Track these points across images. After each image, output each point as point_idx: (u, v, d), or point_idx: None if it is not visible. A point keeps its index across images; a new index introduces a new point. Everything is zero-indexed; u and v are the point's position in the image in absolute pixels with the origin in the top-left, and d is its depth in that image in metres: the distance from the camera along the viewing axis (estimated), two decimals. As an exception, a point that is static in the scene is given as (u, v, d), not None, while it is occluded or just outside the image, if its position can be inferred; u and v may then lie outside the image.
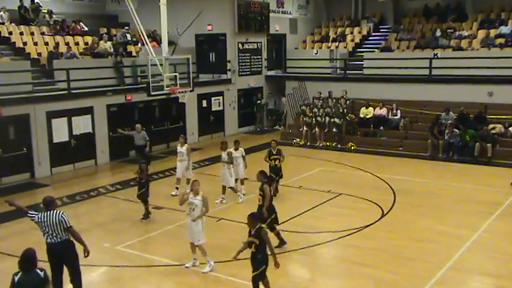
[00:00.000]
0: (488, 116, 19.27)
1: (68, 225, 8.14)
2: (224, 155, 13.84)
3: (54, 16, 22.41)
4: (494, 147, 17.98)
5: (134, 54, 21.95)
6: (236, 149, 14.21)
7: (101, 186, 16.07)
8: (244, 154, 14.33)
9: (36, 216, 8.16)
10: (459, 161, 18.08)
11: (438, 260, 10.05)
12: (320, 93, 22.68)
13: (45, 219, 8.08)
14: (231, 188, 13.94)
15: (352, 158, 18.96)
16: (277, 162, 13.88)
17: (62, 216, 8.11)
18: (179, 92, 16.95)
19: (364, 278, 9.45)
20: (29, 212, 8.31)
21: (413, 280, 9.33)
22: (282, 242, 10.67)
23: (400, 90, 21.94)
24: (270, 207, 10.55)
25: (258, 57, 25.49)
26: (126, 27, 23.13)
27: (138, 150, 17.03)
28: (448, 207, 13.36)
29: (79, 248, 8.31)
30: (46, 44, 20.35)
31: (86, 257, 8.27)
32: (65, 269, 8.37)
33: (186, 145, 14.44)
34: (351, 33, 27.57)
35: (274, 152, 13.98)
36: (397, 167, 16.84)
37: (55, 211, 8.21)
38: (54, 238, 8.09)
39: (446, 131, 18.71)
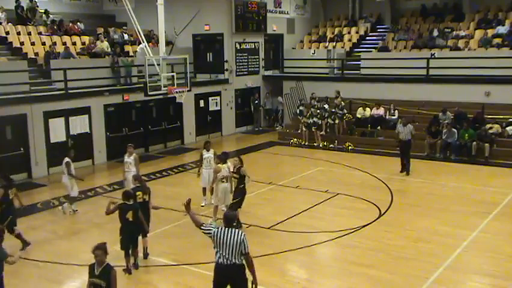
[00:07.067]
0: (485, 116, 19.30)
1: (246, 251, 7.07)
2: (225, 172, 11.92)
3: (51, 16, 22.38)
4: (491, 147, 18.02)
5: (131, 54, 21.92)
6: (208, 150, 13.34)
7: (99, 186, 16.04)
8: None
9: (213, 231, 7.18)
10: (456, 161, 18.12)
11: (436, 259, 10.07)
12: (313, 94, 22.69)
13: (221, 237, 7.08)
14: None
15: (349, 158, 18.98)
16: None
17: (242, 239, 7.06)
18: (176, 92, 16.93)
19: (361, 277, 9.46)
20: (203, 225, 7.38)
21: (410, 280, 9.34)
22: (25, 243, 10.94)
23: (397, 90, 21.97)
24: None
25: (256, 57, 25.47)
26: (124, 27, 23.09)
27: None
28: (445, 207, 13.37)
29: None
30: (43, 44, 20.32)
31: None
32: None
33: (134, 154, 13.48)
34: (349, 33, 27.57)
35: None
36: (394, 167, 16.84)
37: (234, 230, 7.15)
38: (226, 259, 7.06)
39: (444, 130, 18.75)
